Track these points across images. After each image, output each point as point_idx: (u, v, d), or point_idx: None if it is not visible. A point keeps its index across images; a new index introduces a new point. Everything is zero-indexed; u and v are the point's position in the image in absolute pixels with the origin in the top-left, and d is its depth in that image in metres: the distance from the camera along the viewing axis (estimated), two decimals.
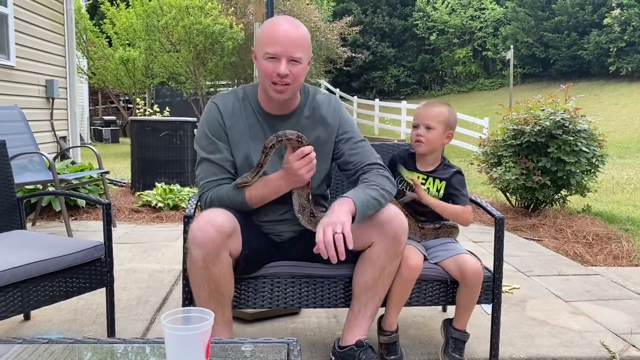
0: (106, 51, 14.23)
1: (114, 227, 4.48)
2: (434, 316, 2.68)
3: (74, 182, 4.57)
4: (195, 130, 5.64)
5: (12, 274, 1.83)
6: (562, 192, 5.09)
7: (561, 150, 4.67)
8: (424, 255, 2.10)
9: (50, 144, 6.39)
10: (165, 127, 5.69)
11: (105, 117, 19.55)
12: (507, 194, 5.38)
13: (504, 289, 2.88)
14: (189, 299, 1.91)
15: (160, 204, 5.14)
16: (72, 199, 4.83)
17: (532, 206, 5.21)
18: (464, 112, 14.94)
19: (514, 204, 5.43)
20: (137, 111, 11.31)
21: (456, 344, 2.13)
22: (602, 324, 2.63)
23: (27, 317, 2.54)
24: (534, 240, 4.43)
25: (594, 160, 4.86)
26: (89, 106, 18.06)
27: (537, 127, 4.73)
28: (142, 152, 5.76)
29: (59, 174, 4.21)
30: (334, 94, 3.10)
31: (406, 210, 2.21)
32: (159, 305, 2.78)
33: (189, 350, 1.16)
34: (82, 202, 4.96)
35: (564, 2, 23.68)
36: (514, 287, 3.15)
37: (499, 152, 5.10)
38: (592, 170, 4.91)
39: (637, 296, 3.08)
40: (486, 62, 27.94)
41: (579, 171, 4.77)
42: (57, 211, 4.72)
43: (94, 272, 2.13)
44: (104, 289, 2.19)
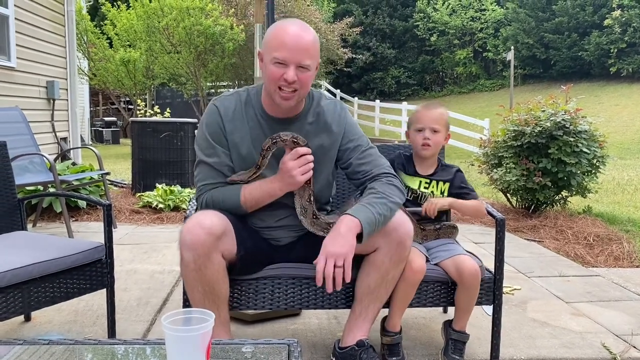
0: (107, 52, 14.26)
1: (114, 228, 4.49)
2: (434, 317, 2.68)
3: (75, 183, 4.57)
4: (195, 131, 5.64)
5: (13, 274, 1.83)
6: (562, 193, 5.09)
7: (562, 151, 4.67)
8: (426, 257, 2.10)
9: (51, 145, 6.39)
10: (166, 128, 5.70)
11: (105, 118, 19.57)
12: (508, 195, 5.38)
13: (504, 290, 2.88)
14: (189, 300, 1.91)
15: (160, 205, 5.15)
16: (72, 200, 4.83)
17: (532, 207, 5.21)
18: (464, 113, 14.94)
19: (514, 205, 5.43)
20: (138, 112, 11.31)
21: (456, 345, 2.13)
22: (603, 325, 2.63)
23: (27, 318, 2.54)
24: (534, 241, 4.43)
25: (594, 161, 4.86)
26: (90, 107, 18.07)
27: (538, 128, 4.73)
28: (142, 153, 5.77)
29: (59, 175, 4.22)
30: (334, 96, 3.09)
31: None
32: (160, 306, 2.78)
33: (189, 351, 1.16)
34: (82, 203, 4.96)
35: (565, 3, 23.67)
36: (515, 288, 3.15)
37: (499, 153, 5.09)
38: (593, 171, 4.92)
39: (638, 297, 3.08)
40: (487, 63, 27.93)
41: (579, 172, 4.77)
42: (58, 212, 4.73)
43: (94, 273, 2.13)
44: (105, 290, 2.19)
